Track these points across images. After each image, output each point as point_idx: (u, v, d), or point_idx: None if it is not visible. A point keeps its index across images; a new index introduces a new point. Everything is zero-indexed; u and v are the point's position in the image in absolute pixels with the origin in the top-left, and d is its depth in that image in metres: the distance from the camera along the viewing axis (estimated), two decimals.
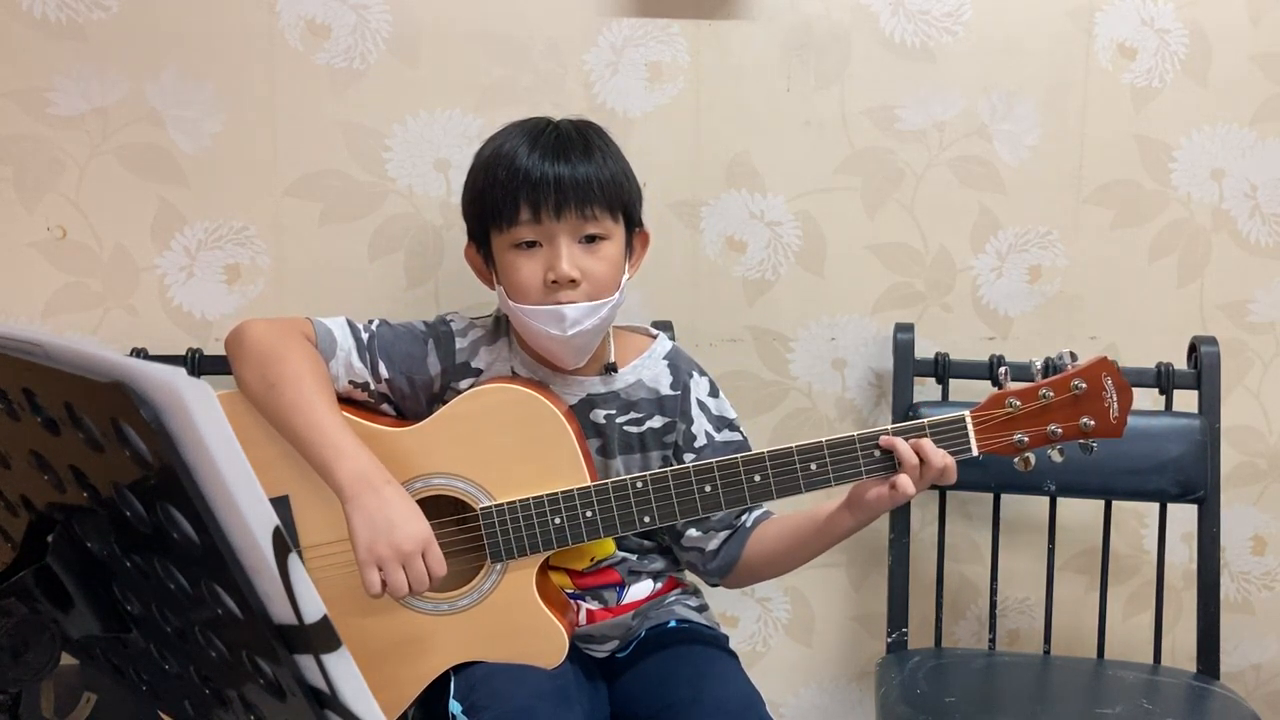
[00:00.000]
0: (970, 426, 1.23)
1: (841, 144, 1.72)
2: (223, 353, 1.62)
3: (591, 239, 1.27)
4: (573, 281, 1.25)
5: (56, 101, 1.60)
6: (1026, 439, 1.23)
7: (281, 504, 1.27)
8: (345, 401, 1.32)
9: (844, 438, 1.23)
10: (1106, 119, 1.75)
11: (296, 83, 1.63)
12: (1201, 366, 1.66)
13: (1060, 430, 1.23)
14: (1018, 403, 1.23)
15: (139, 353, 1.61)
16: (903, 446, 1.21)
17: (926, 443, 1.21)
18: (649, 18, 1.66)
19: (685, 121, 1.70)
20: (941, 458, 1.21)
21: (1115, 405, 1.23)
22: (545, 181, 1.24)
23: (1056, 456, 1.26)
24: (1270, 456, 1.85)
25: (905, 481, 1.20)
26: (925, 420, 1.23)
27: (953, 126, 1.73)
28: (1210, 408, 1.66)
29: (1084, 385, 1.23)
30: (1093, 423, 1.23)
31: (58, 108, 1.60)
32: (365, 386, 1.33)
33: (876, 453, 1.23)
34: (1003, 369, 1.29)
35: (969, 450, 1.23)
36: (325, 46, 1.63)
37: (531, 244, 1.26)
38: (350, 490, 1.18)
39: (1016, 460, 1.25)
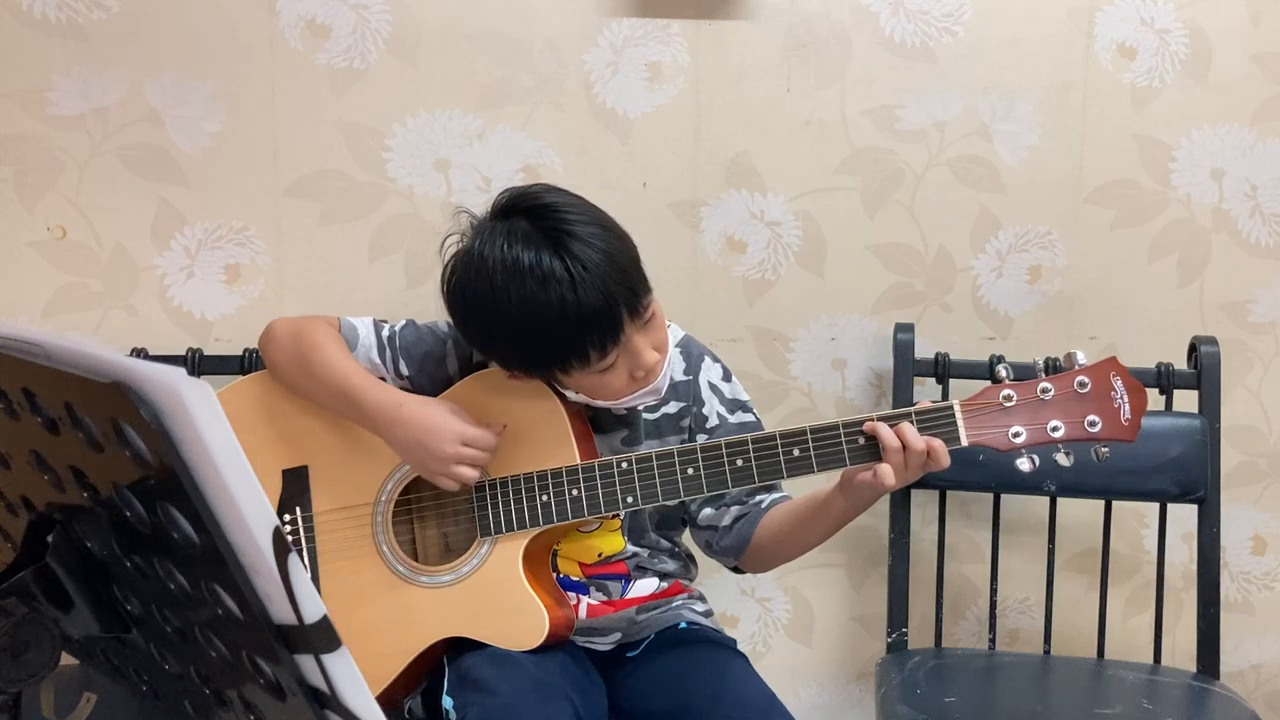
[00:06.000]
0: (959, 415, 1.19)
1: (841, 144, 1.72)
2: (222, 353, 1.64)
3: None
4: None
5: (56, 101, 1.60)
6: (1023, 433, 1.19)
7: (300, 473, 1.36)
8: None
9: (828, 424, 1.21)
10: (1106, 119, 1.74)
11: (296, 83, 1.63)
12: (1201, 366, 1.66)
13: (1061, 428, 1.18)
14: (1013, 394, 1.19)
15: (139, 353, 1.61)
16: (885, 431, 1.18)
17: (907, 426, 1.18)
18: (649, 18, 1.66)
19: (685, 121, 1.70)
20: (924, 442, 1.17)
21: (1126, 407, 1.18)
22: (606, 312, 1.19)
23: (1063, 460, 1.19)
24: (1270, 456, 1.85)
25: (885, 471, 1.17)
26: (913, 408, 1.20)
27: (953, 126, 1.73)
28: (1210, 408, 1.65)
29: (1088, 383, 1.18)
30: (1099, 422, 1.18)
31: (58, 108, 1.60)
32: (381, 380, 1.37)
33: (861, 439, 1.20)
34: (1003, 365, 1.23)
35: (958, 440, 1.19)
36: (325, 46, 1.63)
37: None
38: (379, 425, 1.28)
39: (1020, 460, 1.20)
